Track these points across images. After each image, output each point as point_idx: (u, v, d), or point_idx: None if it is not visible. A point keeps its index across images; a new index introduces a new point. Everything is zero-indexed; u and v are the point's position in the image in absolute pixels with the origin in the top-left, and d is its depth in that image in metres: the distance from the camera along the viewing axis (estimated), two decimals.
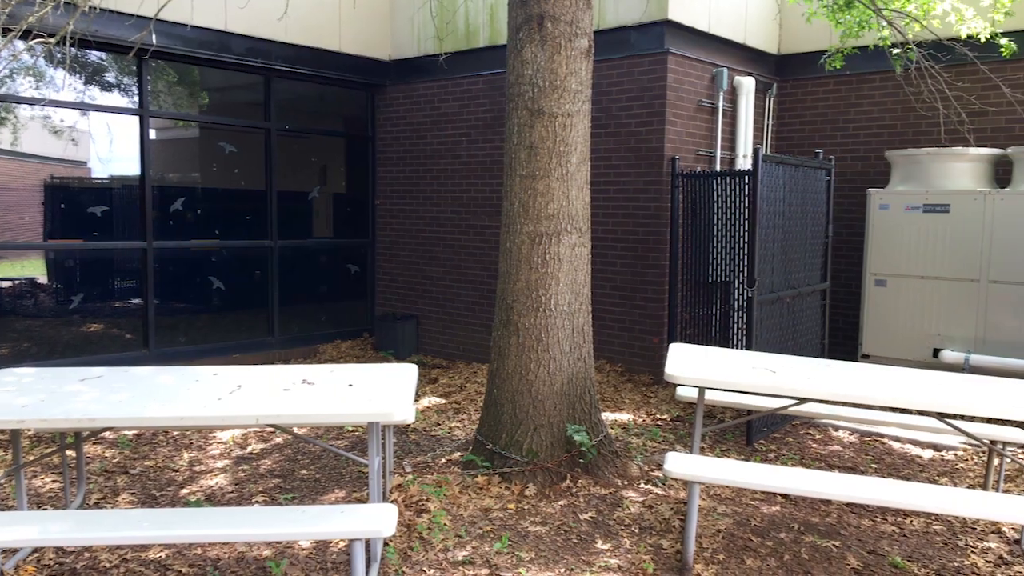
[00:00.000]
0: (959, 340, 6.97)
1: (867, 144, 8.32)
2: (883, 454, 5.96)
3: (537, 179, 4.94)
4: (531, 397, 5.01)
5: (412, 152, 9.43)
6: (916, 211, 7.12)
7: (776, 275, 6.30)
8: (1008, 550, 4.33)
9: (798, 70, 8.67)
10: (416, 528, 4.33)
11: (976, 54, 6.46)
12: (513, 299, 5.07)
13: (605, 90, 7.77)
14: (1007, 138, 7.41)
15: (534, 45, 4.85)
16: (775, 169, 6.17)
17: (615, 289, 7.90)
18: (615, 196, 7.82)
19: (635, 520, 4.57)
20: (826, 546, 4.32)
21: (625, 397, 7.25)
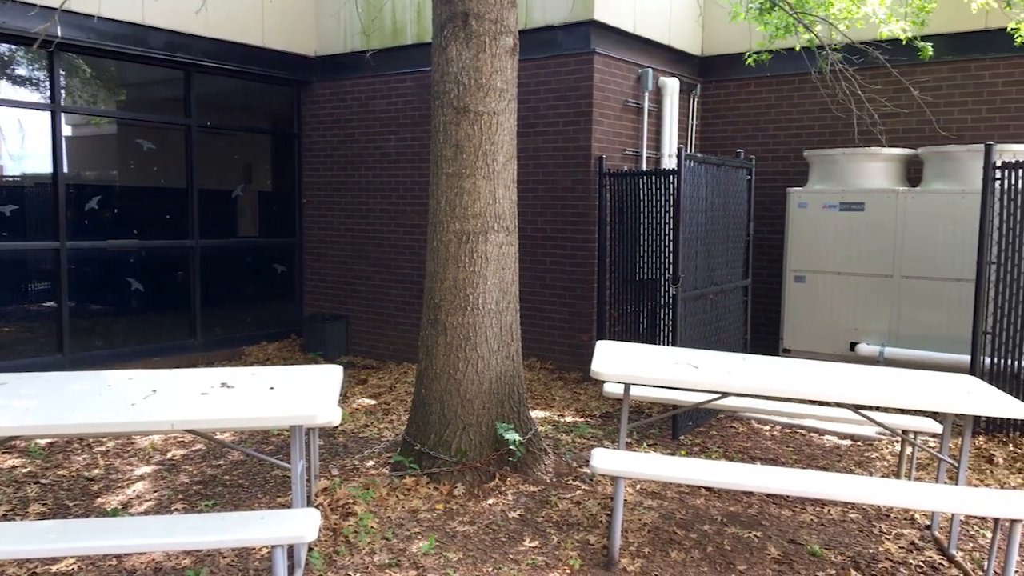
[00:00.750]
0: (874, 334, 7.23)
1: (787, 144, 8.56)
2: (803, 445, 6.14)
3: (464, 178, 4.92)
4: (459, 396, 5.00)
5: (340, 150, 9.30)
6: (833, 209, 7.36)
7: (700, 272, 6.42)
8: (919, 536, 4.51)
9: (721, 71, 8.87)
10: (342, 532, 4.27)
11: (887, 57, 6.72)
12: (441, 298, 5.04)
13: (533, 89, 7.80)
14: (918, 139, 7.72)
15: (459, 43, 4.83)
16: (698, 168, 6.28)
17: (545, 287, 7.94)
18: (544, 195, 7.86)
19: (563, 517, 4.60)
20: (748, 537, 4.42)
21: (555, 394, 7.29)
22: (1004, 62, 7.31)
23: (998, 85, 7.39)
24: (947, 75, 7.60)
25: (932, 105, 7.66)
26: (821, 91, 7.96)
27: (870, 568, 4.09)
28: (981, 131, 7.45)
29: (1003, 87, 7.38)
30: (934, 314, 6.90)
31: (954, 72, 7.57)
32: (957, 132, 7.59)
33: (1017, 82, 7.30)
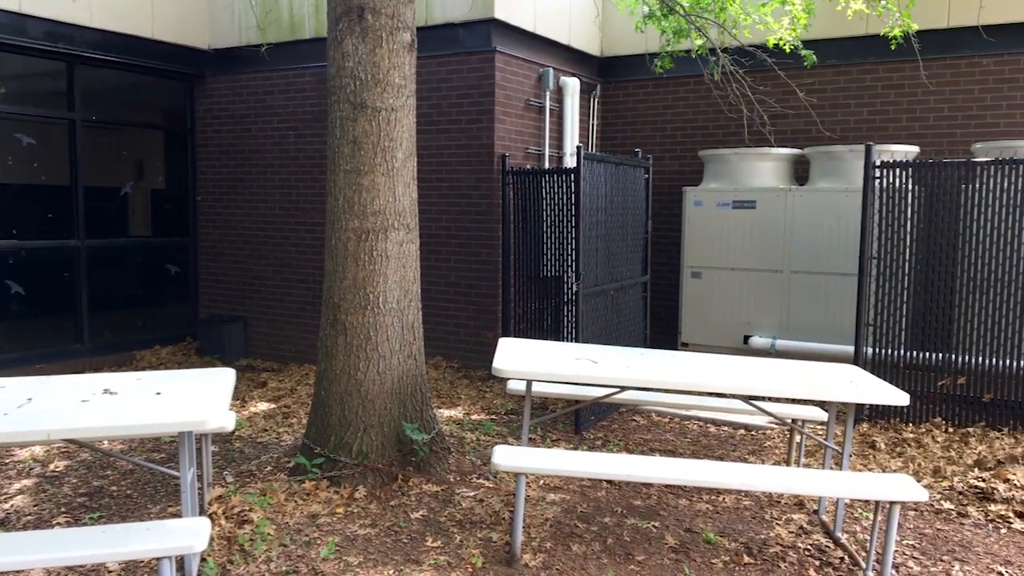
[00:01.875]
0: (766, 327, 7.51)
1: (683, 144, 8.80)
2: (700, 436, 6.32)
3: (362, 175, 4.84)
4: (360, 397, 4.91)
5: (236, 146, 9.01)
6: (726, 207, 7.60)
7: (600, 269, 6.53)
8: (808, 520, 4.70)
9: (619, 72, 9.03)
10: (237, 540, 4.13)
11: (775, 60, 6.99)
12: (340, 297, 4.95)
13: (435, 86, 7.76)
14: (805, 139, 8.07)
15: (355, 37, 4.75)
16: (597, 167, 6.38)
17: (450, 285, 7.91)
18: (448, 193, 7.82)
19: (466, 515, 4.58)
20: (647, 527, 4.52)
21: (461, 393, 7.27)
22: (883, 66, 7.72)
23: (878, 88, 7.80)
24: (831, 78, 7.97)
25: (818, 107, 8.01)
26: (714, 93, 8.22)
27: (762, 553, 4.23)
28: (863, 132, 7.84)
29: (882, 90, 7.78)
30: (821, 307, 7.22)
31: (838, 76, 7.95)
32: (841, 133, 7.97)
33: (895, 85, 7.72)
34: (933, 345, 6.13)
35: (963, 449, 5.59)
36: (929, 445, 5.72)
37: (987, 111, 7.38)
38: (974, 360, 5.97)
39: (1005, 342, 5.86)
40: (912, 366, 6.20)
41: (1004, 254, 5.84)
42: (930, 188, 6.09)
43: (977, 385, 6.00)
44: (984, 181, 5.89)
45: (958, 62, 7.43)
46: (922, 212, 6.12)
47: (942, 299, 6.09)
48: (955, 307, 6.03)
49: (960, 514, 4.76)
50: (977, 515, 4.72)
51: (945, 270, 6.06)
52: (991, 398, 5.95)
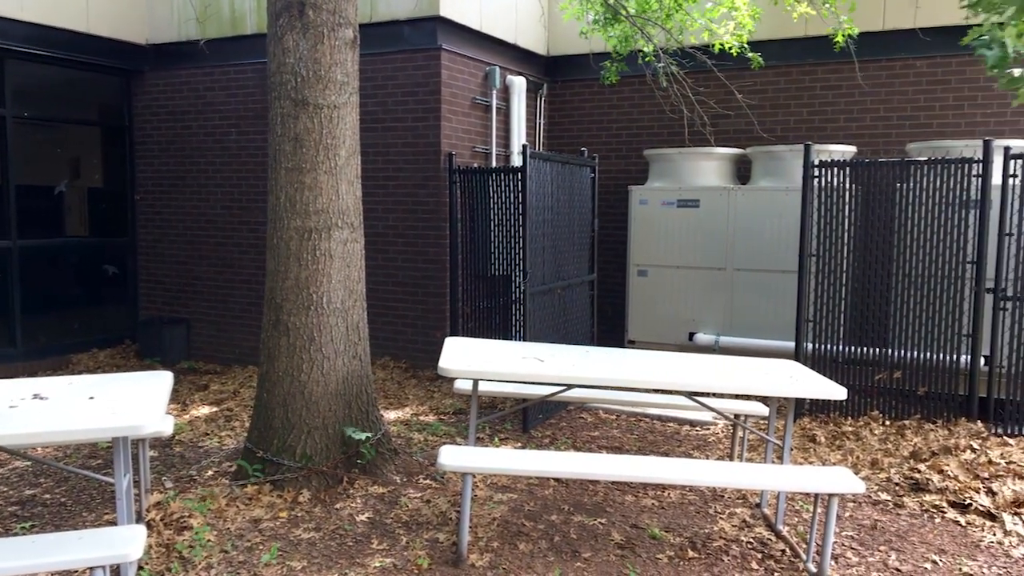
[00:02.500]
0: (710, 324, 7.62)
1: (628, 143, 8.87)
2: (647, 432, 6.38)
3: (304, 172, 4.76)
4: (304, 399, 4.84)
5: (176, 144, 8.80)
6: (671, 206, 7.69)
7: (547, 268, 6.54)
8: (750, 514, 4.78)
9: (566, 71, 9.07)
10: (175, 548, 4.03)
11: (715, 62, 7.10)
12: (283, 298, 4.86)
13: (381, 84, 7.68)
14: (747, 139, 8.20)
15: (295, 33, 4.67)
16: (543, 166, 6.39)
17: (397, 285, 7.85)
18: (394, 191, 7.76)
19: (413, 516, 4.55)
20: (593, 524, 4.54)
21: (409, 393, 7.22)
22: (822, 67, 7.89)
23: (817, 89, 7.97)
24: (772, 79, 8.12)
25: (759, 107, 8.15)
26: (657, 94, 8.30)
27: (706, 547, 4.29)
28: (803, 132, 8.00)
29: (821, 91, 7.96)
30: (764, 304, 7.35)
31: (778, 77, 8.10)
32: (782, 133, 8.12)
33: (834, 86, 7.90)
34: (870, 340, 6.29)
35: (899, 441, 5.74)
36: (867, 438, 5.86)
37: (921, 112, 7.59)
38: (909, 354, 6.14)
39: (939, 336, 6.04)
40: (850, 361, 6.35)
41: (937, 251, 6.01)
42: (866, 187, 6.24)
43: (913, 379, 6.17)
44: (918, 180, 6.06)
45: (893, 64, 7.64)
46: (859, 210, 6.28)
47: (878, 295, 6.25)
48: (891, 303, 6.20)
49: (896, 505, 4.89)
50: (913, 505, 4.86)
51: (881, 267, 6.22)
52: (926, 391, 6.12)
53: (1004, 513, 4.60)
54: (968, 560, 4.17)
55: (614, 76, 7.70)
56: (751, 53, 7.00)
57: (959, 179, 5.90)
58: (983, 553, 4.26)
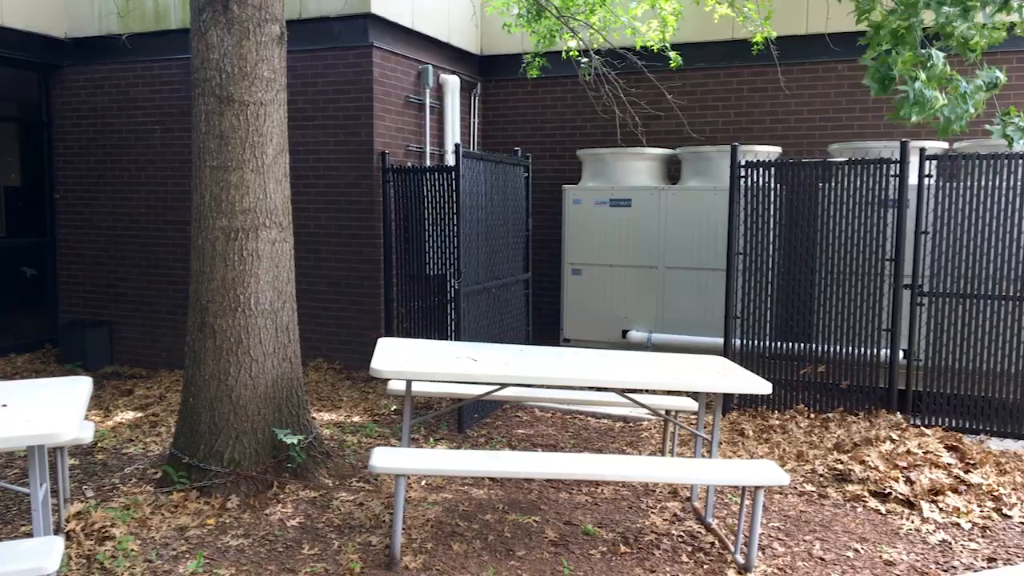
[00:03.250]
0: (643, 321, 7.73)
1: (562, 143, 8.93)
2: (581, 429, 6.43)
3: (230, 171, 4.66)
4: (232, 403, 4.73)
5: (98, 141, 8.51)
6: (604, 205, 7.77)
7: (482, 267, 6.54)
8: (681, 508, 4.86)
9: (499, 71, 9.08)
10: (97, 559, 3.89)
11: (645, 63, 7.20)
12: (208, 299, 4.74)
13: (311, 81, 7.57)
14: (677, 139, 8.34)
15: (220, 28, 4.56)
16: (476, 165, 6.38)
17: (331, 285, 7.74)
18: (327, 190, 7.65)
19: (345, 520, 4.49)
20: (527, 522, 4.55)
21: (343, 395, 7.13)
22: (748, 70, 8.08)
23: (744, 91, 8.15)
24: (701, 81, 8.28)
25: (688, 108, 8.30)
26: (589, 94, 8.37)
27: (638, 542, 4.35)
28: (730, 133, 8.18)
29: (748, 93, 8.14)
30: (694, 301, 7.49)
31: (706, 79, 8.26)
32: (710, 134, 8.29)
33: (760, 88, 8.09)
34: (796, 336, 6.47)
35: (824, 434, 5.92)
36: (793, 431, 6.03)
37: (842, 114, 7.84)
38: (832, 349, 6.33)
39: (860, 331, 6.24)
40: (777, 356, 6.51)
41: (858, 249, 6.22)
42: (791, 187, 6.42)
43: (836, 372, 6.36)
44: (839, 180, 6.26)
45: (816, 67, 7.87)
46: (784, 210, 6.45)
47: (803, 292, 6.43)
48: (814, 299, 6.38)
49: (821, 495, 5.04)
50: (836, 496, 5.01)
51: (805, 264, 6.40)
52: (848, 384, 6.32)
53: (922, 501, 4.78)
54: (888, 547, 4.32)
55: (535, 70, 7.75)
56: (671, 52, 7.13)
57: (877, 179, 6.11)
58: (902, 540, 4.42)
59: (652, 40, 7.31)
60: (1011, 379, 5.89)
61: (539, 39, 7.42)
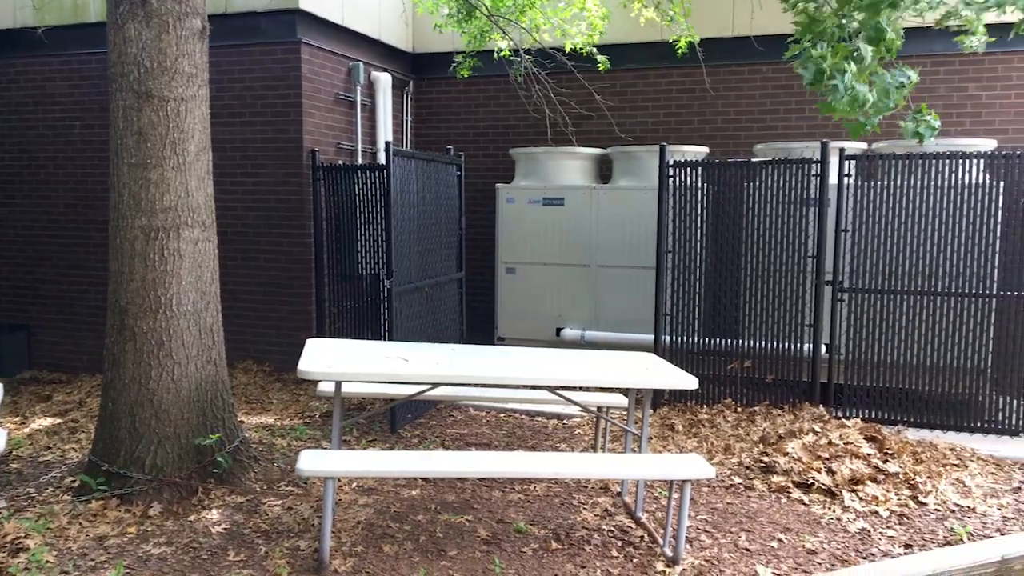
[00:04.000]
0: (577, 319, 7.79)
1: (495, 142, 8.94)
2: (515, 428, 6.45)
3: (150, 168, 4.52)
4: (153, 408, 4.59)
5: (13, 137, 8.16)
6: (537, 204, 7.81)
7: (414, 266, 6.49)
8: (612, 503, 4.91)
9: (432, 69, 9.03)
10: (8, 571, 3.73)
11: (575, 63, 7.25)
12: (127, 301, 4.59)
13: (238, 77, 7.40)
14: (609, 139, 8.43)
15: (138, 22, 4.42)
16: (408, 163, 6.34)
17: (260, 286, 7.59)
18: (255, 189, 7.50)
19: (273, 525, 4.40)
20: (459, 522, 4.54)
21: (273, 397, 7.00)
22: (676, 71, 8.21)
23: (672, 92, 8.29)
24: (631, 82, 8.38)
25: (619, 108, 8.40)
26: (520, 94, 8.39)
27: (569, 538, 4.38)
28: (660, 133, 8.31)
29: (676, 94, 8.28)
30: (626, 299, 7.58)
31: (636, 79, 8.37)
32: (640, 133, 8.40)
33: (688, 89, 8.23)
34: (723, 332, 6.61)
35: (750, 427, 6.06)
36: (721, 425, 6.15)
37: (767, 115, 8.04)
38: (758, 344, 6.49)
39: (784, 327, 6.41)
40: (706, 352, 6.64)
41: (781, 246, 6.38)
42: (717, 186, 6.55)
43: (761, 367, 6.52)
44: (763, 179, 6.41)
45: (741, 68, 8.05)
46: (711, 208, 6.58)
47: (730, 289, 6.57)
48: (740, 296, 6.53)
49: (747, 487, 5.16)
50: (762, 487, 5.13)
51: (731, 262, 6.54)
52: (773, 379, 6.49)
53: (843, 490, 4.93)
54: (810, 536, 4.45)
55: (467, 70, 7.75)
56: (600, 56, 7.22)
57: (800, 178, 6.28)
58: (824, 529, 4.56)
59: (581, 43, 7.38)
60: (926, 371, 6.13)
61: (470, 39, 7.42)
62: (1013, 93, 7.38)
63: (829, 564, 4.12)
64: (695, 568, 4.06)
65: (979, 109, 7.45)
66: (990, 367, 6.06)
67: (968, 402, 6.14)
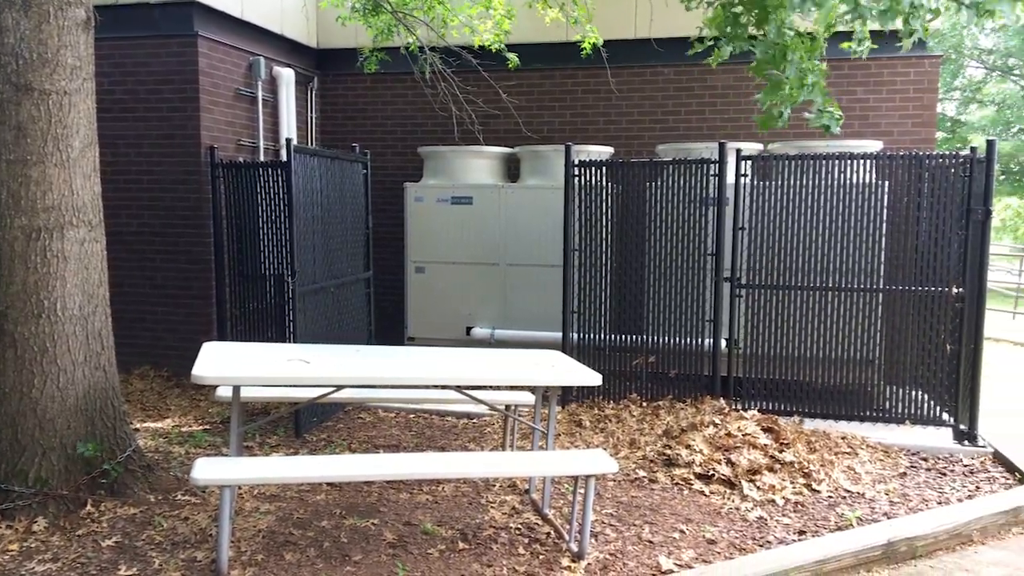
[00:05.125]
0: (486, 318, 7.80)
1: (404, 140, 8.85)
2: (425, 428, 6.40)
3: (30, 165, 4.28)
4: (37, 418, 4.35)
5: None
6: (446, 203, 7.77)
7: (319, 266, 6.37)
8: (520, 500, 4.93)
9: (338, 65, 8.87)
10: None
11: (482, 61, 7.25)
12: (7, 305, 4.34)
13: (131, 71, 7.10)
14: (517, 138, 8.46)
15: (15, 11, 4.18)
16: (310, 161, 6.21)
17: (156, 288, 7.30)
18: (150, 187, 7.20)
19: (168, 536, 4.24)
20: (365, 526, 4.47)
21: (172, 403, 6.74)
22: (582, 71, 8.31)
23: (578, 92, 8.39)
24: (538, 81, 8.44)
25: (526, 108, 8.44)
26: (426, 91, 8.33)
27: (476, 537, 4.37)
28: (567, 133, 8.39)
29: (582, 94, 8.38)
30: (535, 297, 7.63)
31: (543, 79, 8.43)
32: (548, 133, 8.47)
33: (593, 90, 8.34)
34: (629, 328, 6.73)
35: (655, 421, 6.19)
36: (627, 419, 6.27)
37: (669, 116, 8.23)
38: (662, 340, 6.63)
39: (686, 323, 6.57)
40: (613, 348, 6.75)
41: (683, 244, 6.54)
42: (622, 185, 6.66)
43: (666, 362, 6.67)
44: (664, 179, 6.56)
45: (644, 70, 8.21)
46: (616, 207, 6.68)
47: (635, 286, 6.69)
48: (645, 293, 6.66)
49: (651, 480, 5.26)
50: (665, 480, 5.25)
51: (636, 260, 6.66)
52: (677, 373, 6.65)
53: (742, 481, 5.09)
54: (710, 527, 4.57)
55: (373, 65, 7.65)
56: (509, 54, 7.25)
57: (699, 178, 6.45)
58: (723, 519, 4.69)
59: (489, 40, 7.39)
60: (819, 363, 6.39)
61: (376, 33, 7.31)
62: (898, 97, 7.77)
63: (728, 553, 4.25)
64: (600, 562, 4.11)
65: (867, 112, 7.81)
66: (879, 358, 6.37)
67: (859, 392, 6.43)
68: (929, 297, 6.16)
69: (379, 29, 7.26)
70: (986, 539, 4.66)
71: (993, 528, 4.73)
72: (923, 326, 6.22)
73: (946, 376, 6.15)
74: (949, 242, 6.06)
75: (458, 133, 8.43)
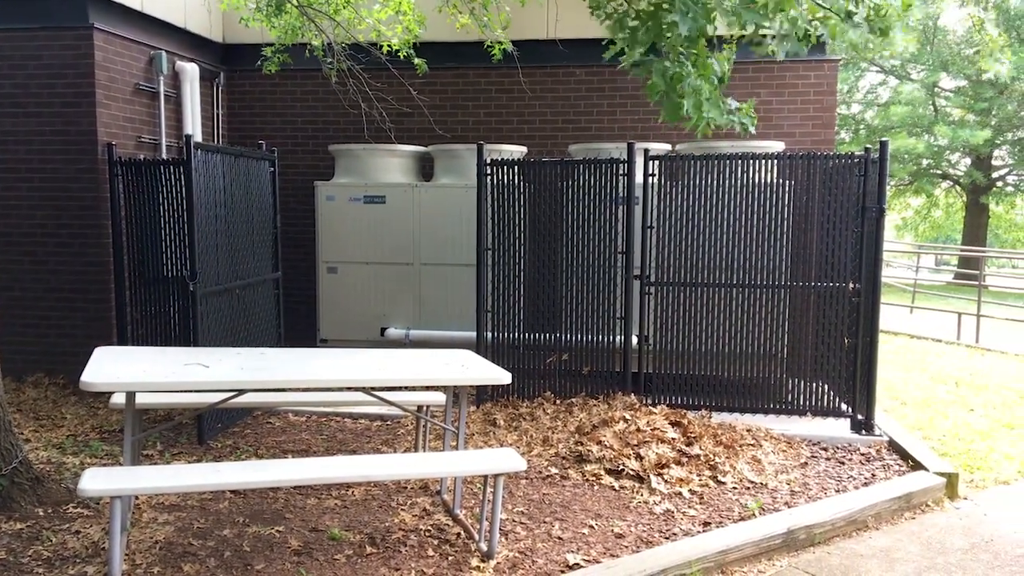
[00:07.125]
0: (401, 318, 7.71)
1: (315, 138, 8.68)
2: (337, 431, 6.28)
3: None
4: None
5: None
6: (358, 202, 7.66)
7: (222, 267, 6.17)
8: (431, 502, 4.89)
9: (245, 60, 8.63)
10: None
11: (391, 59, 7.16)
12: None
13: (21, 64, 6.75)
14: (430, 137, 8.40)
15: None
16: (212, 158, 6.01)
17: (50, 291, 6.95)
18: (43, 186, 6.86)
19: (57, 551, 4.03)
20: (269, 533, 4.35)
21: (67, 412, 6.43)
22: (495, 71, 8.31)
23: (492, 92, 8.38)
24: (451, 80, 8.39)
25: (440, 107, 8.39)
26: (336, 89, 8.19)
27: (384, 541, 4.30)
28: (481, 132, 8.37)
29: (496, 94, 8.38)
30: (449, 297, 7.59)
31: (456, 78, 8.39)
32: (461, 132, 8.43)
33: (507, 90, 8.35)
34: (543, 327, 6.75)
35: (568, 418, 6.22)
36: (541, 417, 6.29)
37: (582, 116, 8.30)
38: (575, 338, 6.68)
39: (598, 320, 6.64)
40: (527, 346, 6.76)
41: (594, 243, 6.61)
42: (535, 185, 6.68)
43: (579, 360, 6.72)
44: (575, 179, 6.61)
45: (556, 71, 8.26)
46: (529, 207, 6.70)
47: (548, 285, 6.72)
48: (558, 291, 6.70)
49: (563, 477, 5.29)
50: (576, 476, 5.28)
51: (549, 258, 6.70)
52: (590, 370, 6.71)
53: (650, 474, 5.17)
54: (619, 521, 4.62)
55: (275, 66, 7.46)
56: (417, 60, 7.20)
57: (609, 178, 6.52)
58: (632, 513, 4.75)
59: (397, 44, 7.31)
60: (726, 358, 6.55)
61: (281, 33, 7.13)
62: (799, 99, 8.04)
63: (635, 547, 4.30)
64: (509, 561, 4.11)
65: (770, 114, 8.05)
66: (782, 352, 6.57)
67: (764, 385, 6.62)
68: (828, 293, 6.38)
69: (283, 30, 7.09)
70: (880, 524, 4.85)
71: (887, 514, 4.93)
72: (823, 321, 6.44)
73: (844, 369, 6.39)
74: (846, 239, 6.29)
75: (369, 131, 8.32)
